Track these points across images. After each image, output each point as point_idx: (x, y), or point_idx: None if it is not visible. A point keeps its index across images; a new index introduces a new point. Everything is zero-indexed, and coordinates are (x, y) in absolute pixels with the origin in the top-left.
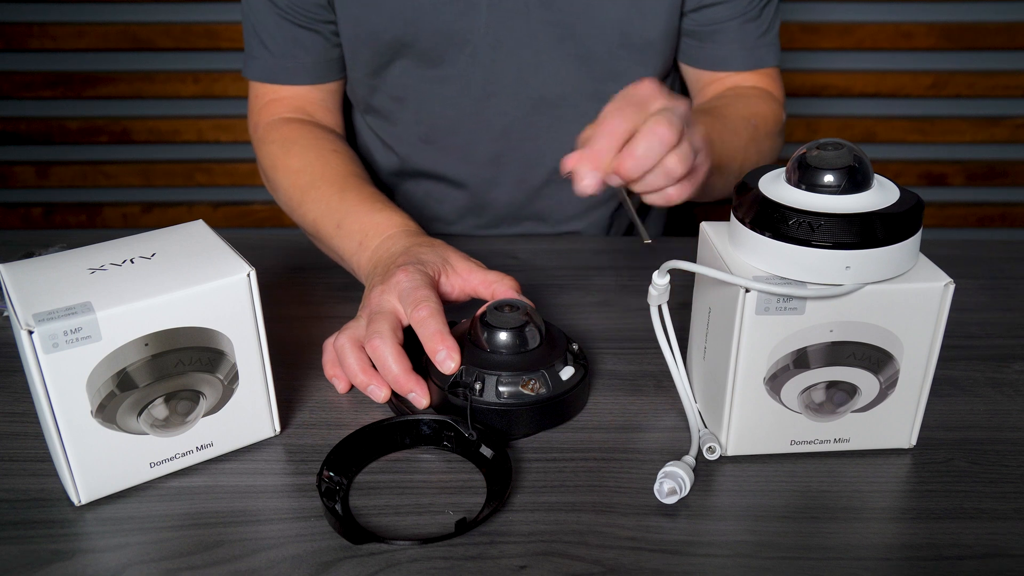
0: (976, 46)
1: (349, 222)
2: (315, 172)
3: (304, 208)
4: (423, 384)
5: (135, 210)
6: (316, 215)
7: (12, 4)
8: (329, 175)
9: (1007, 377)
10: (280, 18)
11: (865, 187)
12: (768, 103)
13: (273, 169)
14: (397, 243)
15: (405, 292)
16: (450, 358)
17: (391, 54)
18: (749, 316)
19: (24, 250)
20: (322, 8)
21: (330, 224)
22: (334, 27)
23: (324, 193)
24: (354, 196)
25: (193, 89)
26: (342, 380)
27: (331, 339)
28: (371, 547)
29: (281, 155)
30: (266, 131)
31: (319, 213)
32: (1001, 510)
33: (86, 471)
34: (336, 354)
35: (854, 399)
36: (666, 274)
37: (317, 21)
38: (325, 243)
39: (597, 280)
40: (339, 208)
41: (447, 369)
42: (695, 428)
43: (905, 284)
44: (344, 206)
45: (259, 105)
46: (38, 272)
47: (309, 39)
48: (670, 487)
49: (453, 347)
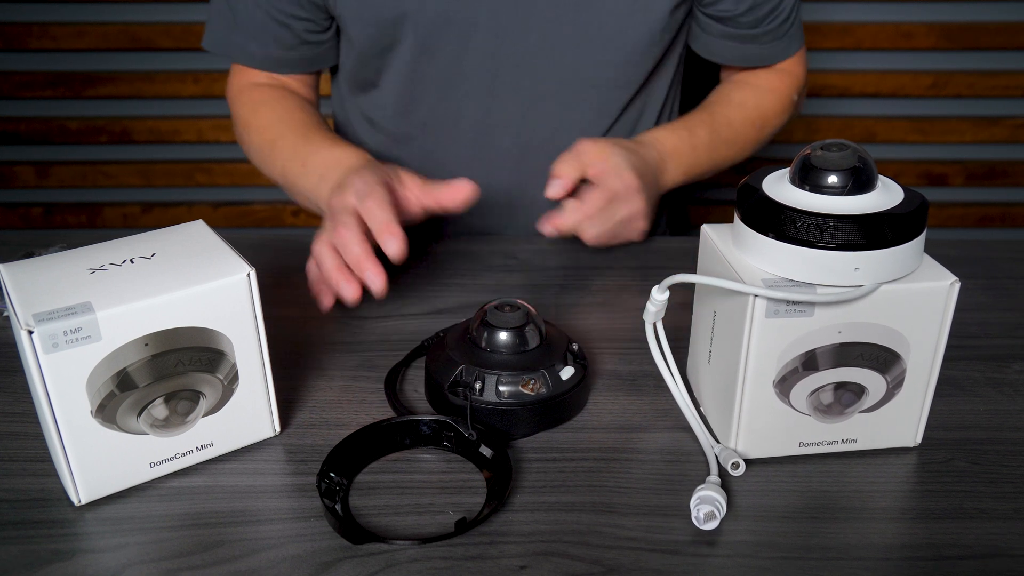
0: (976, 46)
1: (313, 159)
2: (282, 126)
3: (272, 157)
4: (380, 267)
5: (135, 210)
6: (284, 161)
7: (12, 4)
8: (294, 126)
9: (1007, 377)
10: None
11: (870, 188)
12: (779, 94)
13: (245, 128)
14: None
15: (359, 189)
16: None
17: (391, 39)
18: (759, 320)
19: (24, 250)
20: (297, 5)
21: (296, 165)
22: (310, 24)
23: (290, 141)
24: (317, 137)
25: (193, 89)
26: (325, 293)
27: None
28: (371, 547)
29: (251, 115)
30: (238, 93)
31: (286, 158)
32: (1001, 510)
33: (86, 471)
34: (316, 263)
35: (862, 399)
36: (666, 290)
37: (290, 16)
38: (293, 186)
39: (597, 280)
40: (304, 149)
41: (391, 250)
42: (707, 446)
43: (913, 284)
44: (309, 147)
45: (236, 68)
46: (38, 272)
47: (278, 31)
48: (707, 511)
49: (398, 233)
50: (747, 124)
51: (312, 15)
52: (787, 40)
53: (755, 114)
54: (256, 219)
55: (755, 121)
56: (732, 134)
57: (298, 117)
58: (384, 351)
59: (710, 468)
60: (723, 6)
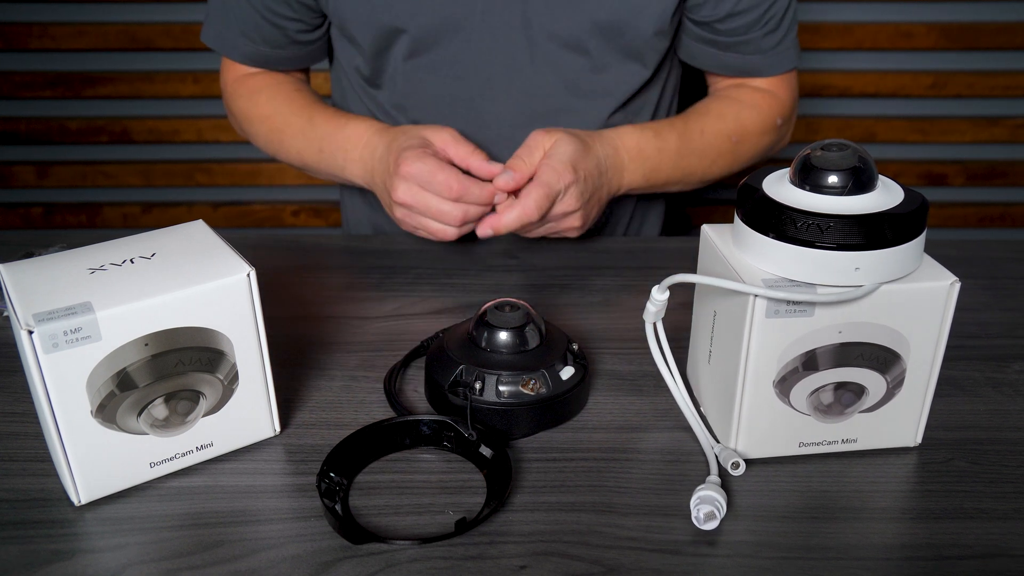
0: (976, 46)
1: (327, 144)
2: (284, 113)
3: (285, 146)
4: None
5: (135, 210)
6: (298, 148)
7: (12, 4)
8: (296, 110)
9: (1007, 377)
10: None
11: (870, 188)
12: (761, 112)
13: (248, 121)
14: (376, 145)
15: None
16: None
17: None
18: (759, 320)
19: (24, 250)
20: (286, 5)
21: (313, 151)
22: (300, 24)
23: (297, 128)
24: (322, 119)
25: (193, 89)
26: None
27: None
28: (371, 547)
29: (251, 106)
30: (234, 86)
31: (300, 145)
32: (1001, 510)
33: (86, 471)
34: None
35: (862, 399)
36: (666, 290)
37: (279, 16)
38: (314, 168)
39: (597, 280)
40: (313, 135)
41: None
42: (707, 446)
43: (913, 284)
44: (317, 131)
45: (227, 62)
46: (38, 272)
47: (268, 31)
48: (707, 511)
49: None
50: (721, 136)
51: (301, 15)
52: (772, 57)
53: (733, 126)
54: (256, 219)
55: (731, 134)
56: (703, 144)
57: (297, 100)
58: (384, 351)
59: (710, 468)
60: (703, 12)
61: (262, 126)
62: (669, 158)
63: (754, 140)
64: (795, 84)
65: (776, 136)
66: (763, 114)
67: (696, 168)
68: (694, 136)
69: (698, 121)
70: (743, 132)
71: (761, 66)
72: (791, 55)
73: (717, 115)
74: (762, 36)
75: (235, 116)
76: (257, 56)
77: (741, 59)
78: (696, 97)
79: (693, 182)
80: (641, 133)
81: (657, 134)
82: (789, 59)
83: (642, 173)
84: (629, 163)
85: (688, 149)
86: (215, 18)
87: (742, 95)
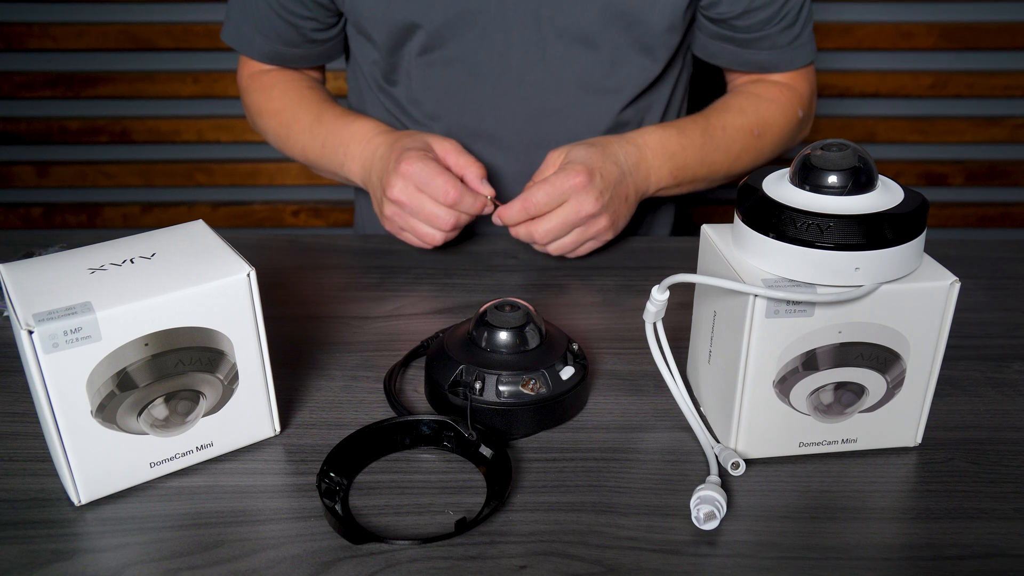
0: (976, 46)
1: (330, 140)
2: (293, 109)
3: (292, 141)
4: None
5: (135, 210)
6: (303, 143)
7: (12, 4)
8: (306, 106)
9: (1007, 377)
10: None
11: (870, 188)
12: (781, 105)
13: (259, 115)
14: (378, 144)
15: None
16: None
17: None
18: (759, 320)
19: (24, 250)
20: (301, 4)
21: (316, 146)
22: (315, 23)
23: (304, 123)
24: (329, 117)
25: (193, 89)
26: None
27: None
28: (371, 547)
29: (263, 101)
30: (249, 82)
31: (305, 141)
32: (1001, 510)
33: (86, 471)
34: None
35: (862, 399)
36: (666, 290)
37: (295, 15)
38: (317, 165)
39: (597, 280)
40: (319, 131)
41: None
42: (707, 445)
43: (913, 284)
44: (323, 128)
45: (244, 58)
46: (38, 272)
47: (284, 29)
48: (707, 511)
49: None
50: (744, 131)
51: (316, 14)
52: (789, 52)
53: (754, 120)
54: (256, 219)
55: (753, 128)
56: (727, 139)
57: (308, 97)
58: (384, 351)
59: (710, 468)
60: (720, 8)
61: (272, 120)
62: (694, 154)
63: (776, 133)
64: (813, 77)
65: (797, 128)
66: (783, 108)
67: (721, 164)
68: (717, 132)
69: (719, 117)
70: (765, 126)
71: (779, 61)
72: (808, 49)
73: (738, 110)
74: (779, 32)
75: (248, 110)
76: (273, 54)
77: (759, 55)
78: (708, 96)
79: (718, 178)
80: (664, 131)
81: (680, 131)
82: (806, 53)
83: (669, 170)
84: (654, 160)
85: (712, 145)
86: (234, 17)
87: (761, 90)
